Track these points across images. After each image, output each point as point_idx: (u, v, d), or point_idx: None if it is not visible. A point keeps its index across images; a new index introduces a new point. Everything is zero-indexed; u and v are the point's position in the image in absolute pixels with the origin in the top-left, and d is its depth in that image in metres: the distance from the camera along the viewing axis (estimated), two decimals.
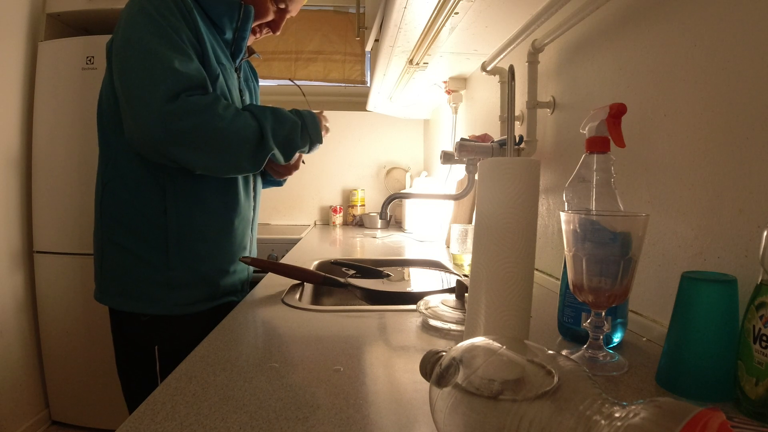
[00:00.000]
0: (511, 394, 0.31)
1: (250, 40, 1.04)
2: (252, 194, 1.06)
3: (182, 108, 0.79)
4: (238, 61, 1.02)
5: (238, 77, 1.03)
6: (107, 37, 0.92)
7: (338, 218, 2.45)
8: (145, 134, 0.80)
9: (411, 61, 1.39)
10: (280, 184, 1.21)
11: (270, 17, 1.01)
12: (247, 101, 1.08)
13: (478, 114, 1.50)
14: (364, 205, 2.50)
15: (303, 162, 1.12)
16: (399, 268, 1.11)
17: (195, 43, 0.87)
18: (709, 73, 0.56)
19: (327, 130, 1.04)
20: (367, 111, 2.34)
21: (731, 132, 0.52)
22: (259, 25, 1.03)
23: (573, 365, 0.31)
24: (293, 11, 1.05)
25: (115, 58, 0.84)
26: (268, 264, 0.93)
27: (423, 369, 0.40)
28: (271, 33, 1.07)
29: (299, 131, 0.94)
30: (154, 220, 0.90)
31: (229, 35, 0.97)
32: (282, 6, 1.02)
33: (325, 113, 1.06)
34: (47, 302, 1.85)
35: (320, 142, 0.99)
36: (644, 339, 0.63)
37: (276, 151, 0.91)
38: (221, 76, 0.92)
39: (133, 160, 0.90)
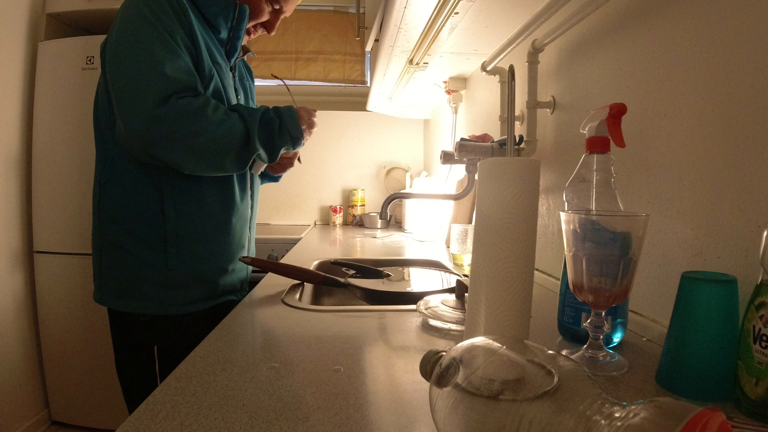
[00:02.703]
0: (511, 394, 0.31)
1: (244, 40, 1.04)
2: (249, 192, 1.06)
3: (172, 111, 0.80)
4: (233, 60, 1.02)
5: (234, 76, 1.03)
6: None
7: (338, 218, 2.45)
8: (134, 136, 0.80)
9: (411, 61, 1.39)
10: (276, 179, 1.21)
11: (265, 17, 1.02)
12: (242, 101, 1.08)
13: (478, 114, 1.50)
14: (364, 205, 2.50)
15: (299, 161, 1.12)
16: (399, 268, 1.11)
17: (189, 44, 0.87)
18: (709, 74, 0.55)
19: (311, 125, 0.98)
20: (367, 111, 2.34)
21: (731, 132, 0.52)
22: (254, 25, 1.03)
23: (573, 365, 0.31)
24: (288, 12, 1.05)
25: (109, 58, 0.85)
26: (268, 264, 0.93)
27: (423, 369, 0.40)
28: (265, 33, 1.07)
29: (277, 130, 0.92)
30: (152, 220, 0.90)
31: (224, 34, 0.97)
32: (277, 6, 1.02)
33: (323, 113, 1.02)
34: (47, 302, 1.85)
35: (300, 137, 0.95)
36: (644, 339, 0.63)
37: (261, 152, 0.91)
38: (216, 76, 0.92)
39: (130, 160, 0.90)
